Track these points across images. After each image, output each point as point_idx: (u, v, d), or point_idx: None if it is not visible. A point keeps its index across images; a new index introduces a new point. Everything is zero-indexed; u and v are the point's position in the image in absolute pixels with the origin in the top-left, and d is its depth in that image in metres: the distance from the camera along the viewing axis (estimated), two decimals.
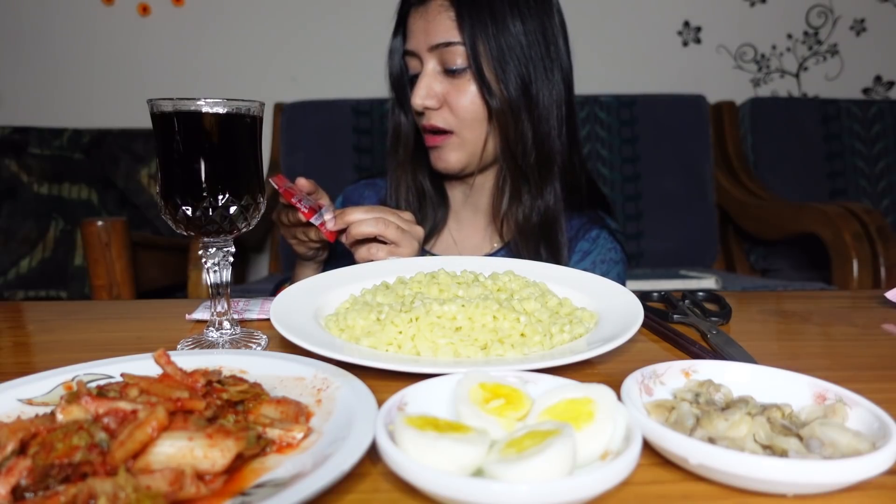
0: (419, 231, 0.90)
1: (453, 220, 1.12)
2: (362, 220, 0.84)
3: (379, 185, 1.17)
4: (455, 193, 1.11)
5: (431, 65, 0.95)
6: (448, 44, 0.93)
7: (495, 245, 1.08)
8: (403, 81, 1.04)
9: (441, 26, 0.93)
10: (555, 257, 0.99)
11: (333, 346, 0.54)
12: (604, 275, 1.02)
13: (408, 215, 0.90)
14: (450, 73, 0.94)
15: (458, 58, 0.93)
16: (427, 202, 1.09)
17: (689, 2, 2.41)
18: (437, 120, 0.96)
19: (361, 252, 0.86)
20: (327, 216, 0.87)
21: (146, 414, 0.35)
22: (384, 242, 0.86)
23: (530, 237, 1.00)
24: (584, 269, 1.02)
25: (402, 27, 1.01)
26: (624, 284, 1.07)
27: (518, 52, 0.94)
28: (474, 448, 0.33)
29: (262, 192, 0.64)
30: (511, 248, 1.03)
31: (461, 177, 1.06)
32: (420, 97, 0.94)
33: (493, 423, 0.37)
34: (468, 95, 0.94)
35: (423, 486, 0.32)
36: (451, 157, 0.99)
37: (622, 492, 0.34)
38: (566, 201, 1.03)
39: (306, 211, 0.85)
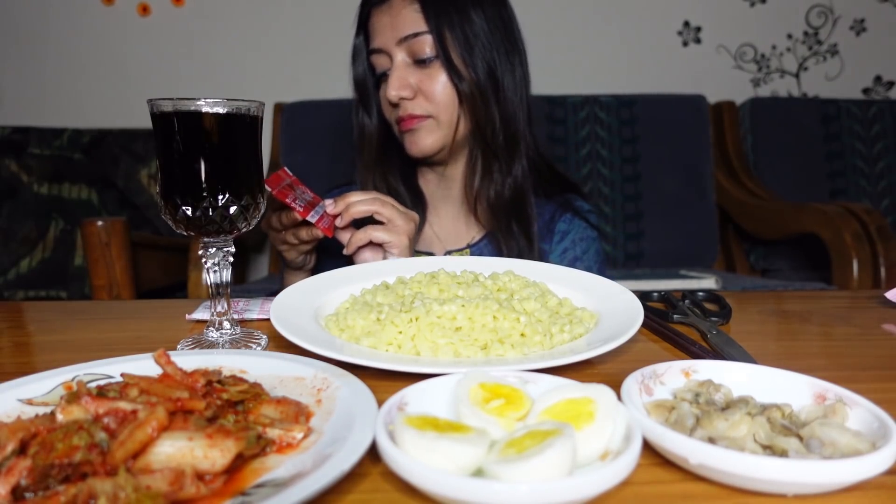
0: (414, 214, 0.93)
1: (432, 215, 1.14)
2: (360, 200, 0.88)
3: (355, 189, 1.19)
4: (430, 187, 1.14)
5: (400, 57, 0.99)
6: (416, 34, 0.97)
7: (476, 235, 1.10)
8: (367, 83, 1.07)
9: (407, 19, 0.97)
10: (526, 231, 1.04)
11: (333, 346, 0.54)
12: (584, 252, 1.09)
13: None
14: (419, 63, 0.98)
15: (427, 47, 0.97)
16: (401, 203, 1.10)
17: (689, 2, 2.41)
18: (415, 108, 0.99)
19: (359, 234, 0.88)
20: (327, 202, 0.88)
21: (146, 414, 0.35)
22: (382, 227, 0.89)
23: (502, 214, 1.04)
24: (566, 249, 1.08)
25: (362, 29, 1.05)
26: (604, 259, 1.13)
27: (482, 38, 0.99)
28: (474, 448, 0.33)
29: (262, 192, 0.64)
30: (491, 237, 1.07)
31: (433, 163, 1.09)
32: (395, 88, 0.98)
33: (493, 423, 0.37)
34: (440, 82, 0.99)
35: (423, 486, 0.32)
36: (426, 139, 1.01)
37: (622, 492, 0.34)
38: (535, 187, 1.08)
39: (302, 209, 0.85)
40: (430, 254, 1.10)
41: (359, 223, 0.90)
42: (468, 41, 0.98)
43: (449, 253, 1.09)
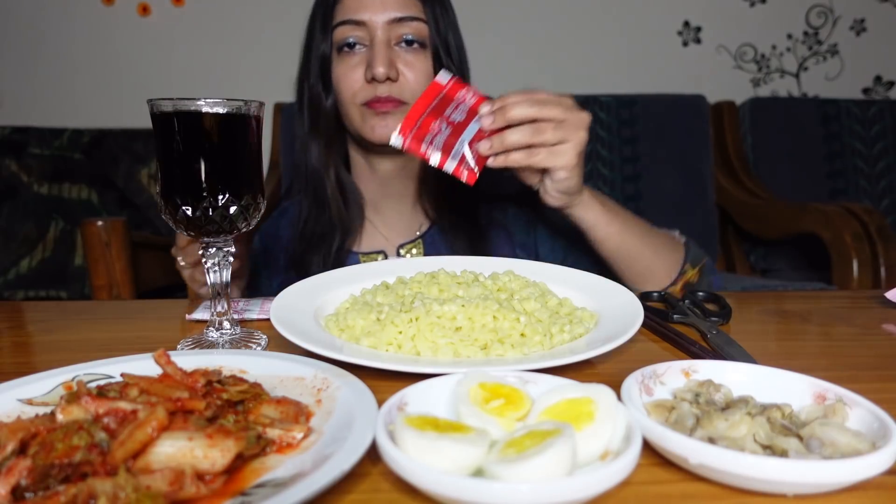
0: (584, 117, 0.79)
1: (372, 213, 1.10)
2: (519, 101, 0.76)
3: (290, 212, 1.14)
4: (369, 185, 1.10)
5: (384, 35, 0.96)
6: (413, 18, 0.97)
7: (423, 225, 1.09)
8: (331, 58, 1.02)
9: (404, 1, 0.97)
10: (474, 219, 1.05)
11: (333, 346, 0.54)
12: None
13: (567, 100, 0.79)
14: (403, 46, 0.98)
15: (417, 32, 0.97)
16: (349, 195, 1.07)
17: (689, 2, 2.40)
18: (395, 91, 0.96)
19: (516, 156, 0.77)
20: (484, 113, 0.76)
21: (146, 414, 0.35)
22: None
23: (455, 204, 1.04)
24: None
25: None
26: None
27: (456, 31, 1.03)
28: (474, 448, 0.33)
29: (262, 192, 0.64)
30: (440, 227, 1.06)
31: (384, 153, 1.05)
32: (384, 65, 0.94)
33: (493, 423, 0.37)
34: (423, 69, 0.98)
35: (423, 486, 0.32)
36: (395, 126, 0.98)
37: (622, 492, 0.34)
38: None
39: (440, 158, 0.77)
40: (381, 251, 1.07)
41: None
42: (448, 32, 1.01)
43: (402, 246, 1.07)
